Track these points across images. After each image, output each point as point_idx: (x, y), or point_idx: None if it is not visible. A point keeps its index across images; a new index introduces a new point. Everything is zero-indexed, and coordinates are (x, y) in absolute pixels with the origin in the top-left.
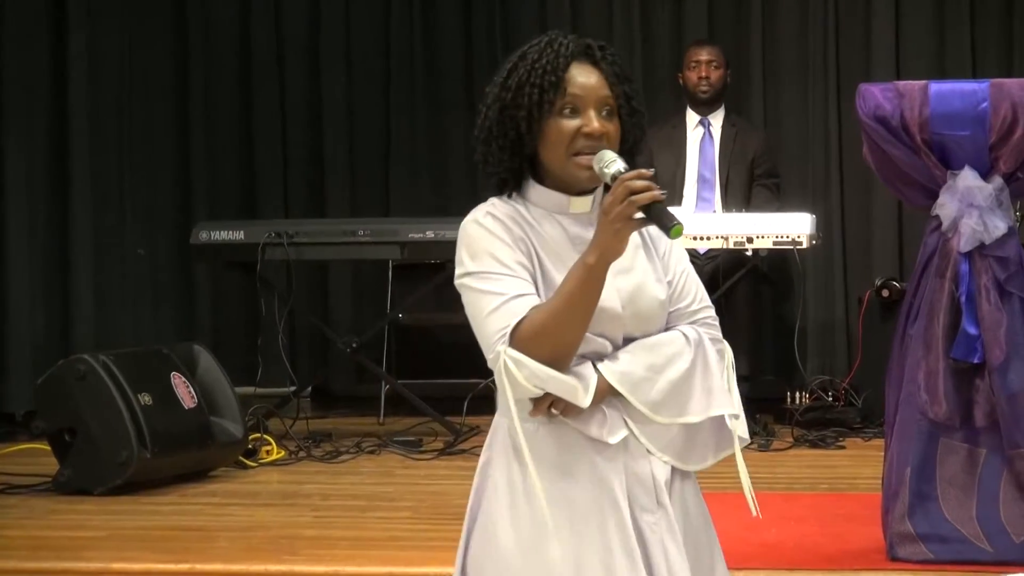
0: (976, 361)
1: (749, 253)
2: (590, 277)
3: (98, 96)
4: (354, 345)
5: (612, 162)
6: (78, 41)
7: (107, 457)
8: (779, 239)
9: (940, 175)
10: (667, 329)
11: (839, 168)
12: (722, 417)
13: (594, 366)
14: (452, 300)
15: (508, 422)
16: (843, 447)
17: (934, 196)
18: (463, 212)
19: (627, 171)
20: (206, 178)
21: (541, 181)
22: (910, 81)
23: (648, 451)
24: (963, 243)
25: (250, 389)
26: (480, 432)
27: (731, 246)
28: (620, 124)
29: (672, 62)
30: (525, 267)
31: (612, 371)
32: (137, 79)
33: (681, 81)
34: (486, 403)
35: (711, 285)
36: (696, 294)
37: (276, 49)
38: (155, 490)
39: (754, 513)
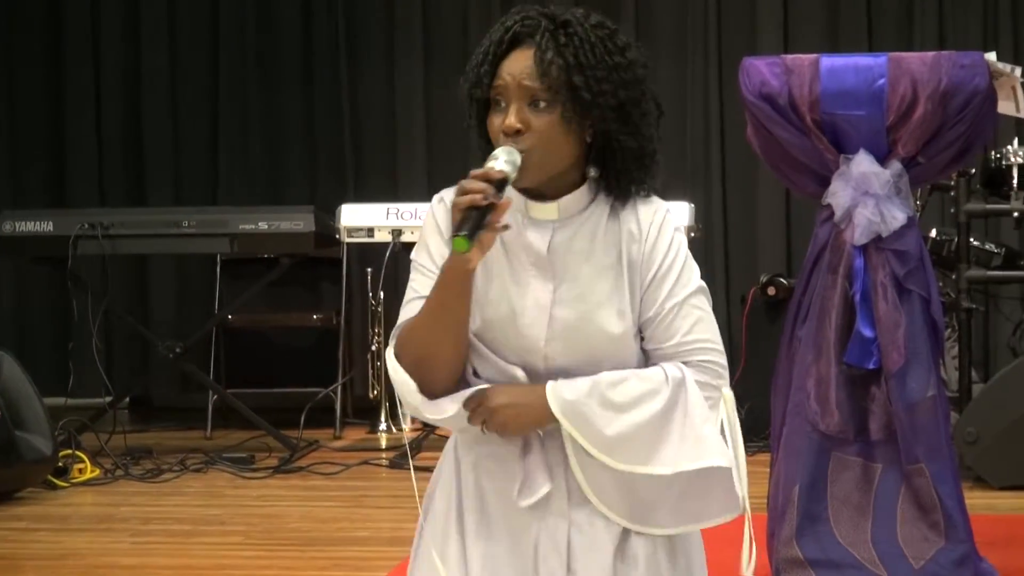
0: (872, 367)
1: None
2: (442, 284)
3: None
4: (177, 350)
5: (492, 159)
6: None
7: None
8: None
9: (832, 159)
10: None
11: (720, 152)
12: (704, 475)
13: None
14: (287, 300)
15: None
16: None
17: (826, 183)
18: (299, 201)
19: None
20: (8, 160)
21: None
22: (799, 55)
23: (569, 512)
24: (858, 235)
25: (60, 400)
26: (320, 447)
27: None
28: (584, 119)
29: None
30: None
31: (557, 394)
32: None
33: None
34: (325, 415)
35: None
36: (690, 332)
37: (90, 13)
38: None
39: None
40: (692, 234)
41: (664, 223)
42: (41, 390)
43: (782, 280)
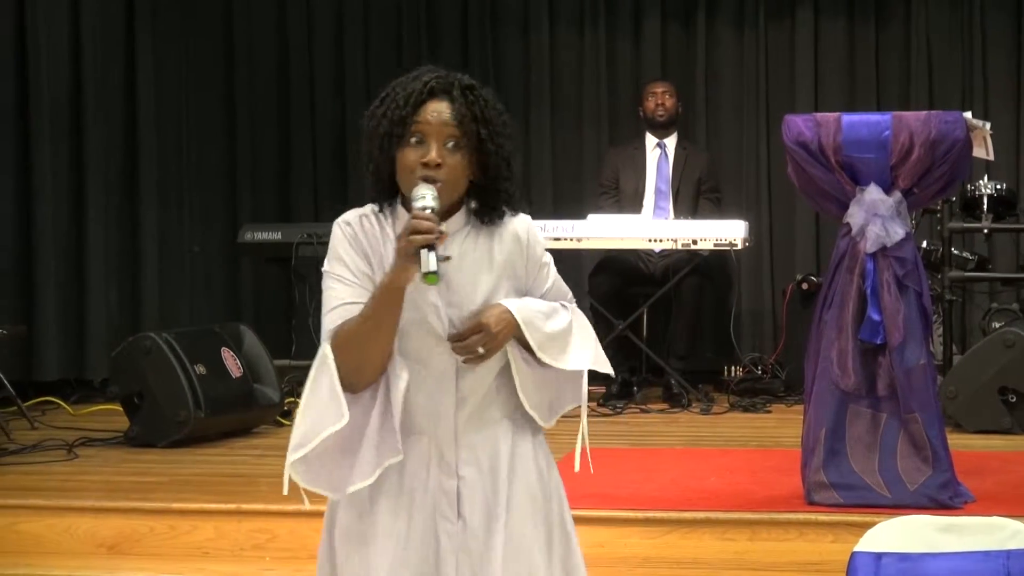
0: (879, 342)
1: (693, 247)
2: (381, 297)
3: (161, 113)
4: None
5: (420, 198)
6: (145, 65)
7: (169, 417)
8: (719, 241)
9: (850, 190)
10: None
11: (768, 184)
12: (574, 374)
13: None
14: None
15: None
16: (770, 412)
17: (845, 207)
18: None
19: (423, 209)
20: (250, 186)
21: (405, 203)
22: (826, 113)
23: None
24: (869, 245)
25: (286, 361)
26: None
27: (680, 247)
28: (477, 161)
29: (633, 95)
30: (368, 276)
31: (515, 308)
32: (192, 101)
33: (641, 112)
34: None
35: (663, 279)
36: (563, 294)
37: (308, 75)
38: (207, 444)
39: (586, 469)
40: (747, 244)
41: (532, 229)
42: (272, 354)
43: (813, 278)
